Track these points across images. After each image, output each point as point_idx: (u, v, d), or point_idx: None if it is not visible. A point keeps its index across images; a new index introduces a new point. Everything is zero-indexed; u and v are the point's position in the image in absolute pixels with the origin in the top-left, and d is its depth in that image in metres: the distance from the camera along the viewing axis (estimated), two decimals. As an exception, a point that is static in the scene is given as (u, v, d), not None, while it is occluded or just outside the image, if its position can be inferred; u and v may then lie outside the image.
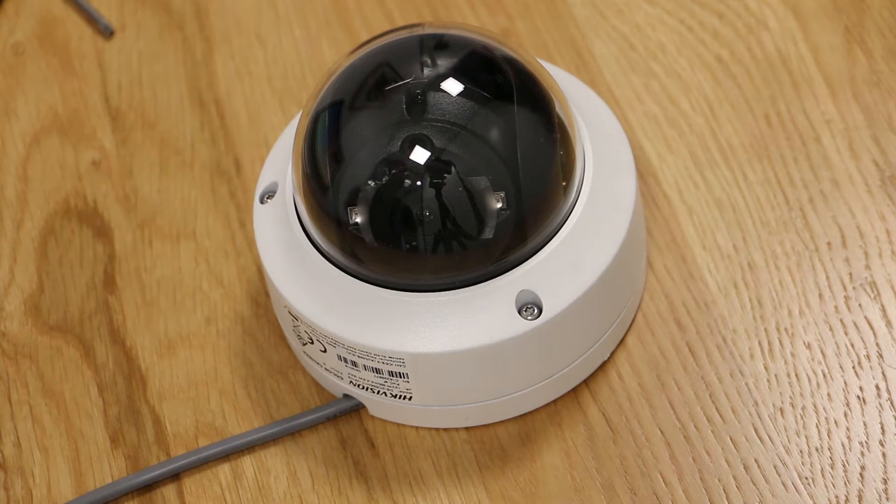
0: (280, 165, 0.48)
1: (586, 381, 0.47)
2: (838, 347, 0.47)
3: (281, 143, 0.49)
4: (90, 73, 0.58)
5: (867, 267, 0.49)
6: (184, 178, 0.54)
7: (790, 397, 0.46)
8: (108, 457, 0.48)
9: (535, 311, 0.44)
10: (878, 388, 0.46)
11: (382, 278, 0.44)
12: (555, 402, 0.47)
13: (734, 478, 0.45)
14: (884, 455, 0.45)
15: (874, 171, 0.51)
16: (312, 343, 0.46)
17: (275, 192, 0.48)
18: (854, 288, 0.48)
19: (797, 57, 0.54)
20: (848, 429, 0.45)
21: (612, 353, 0.48)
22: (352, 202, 0.44)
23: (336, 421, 0.47)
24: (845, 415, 0.46)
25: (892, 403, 0.46)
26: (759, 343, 0.47)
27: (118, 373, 0.50)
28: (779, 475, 0.45)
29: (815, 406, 0.46)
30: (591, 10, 0.56)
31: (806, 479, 0.45)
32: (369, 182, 0.44)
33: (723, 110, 0.53)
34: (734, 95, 0.53)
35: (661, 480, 0.45)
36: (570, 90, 0.48)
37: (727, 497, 0.45)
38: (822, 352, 0.47)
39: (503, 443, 0.47)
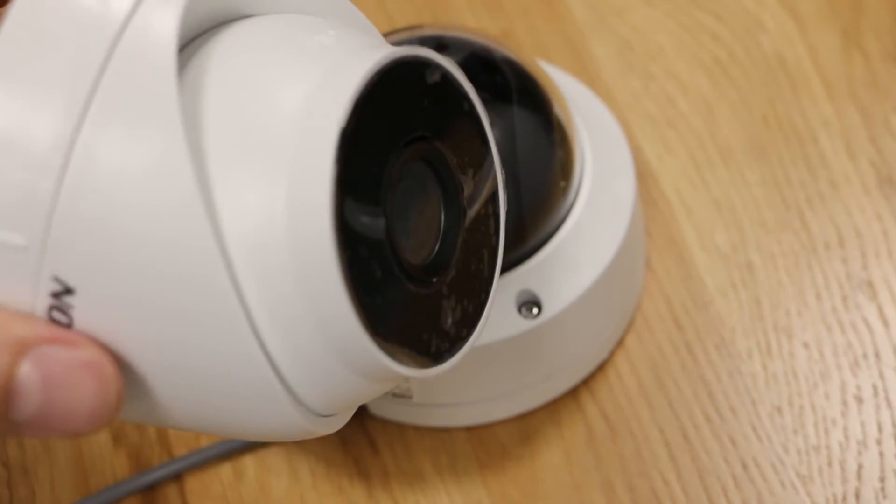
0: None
1: (585, 381, 0.48)
2: (836, 347, 0.47)
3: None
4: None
5: (864, 267, 0.49)
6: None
7: (788, 396, 0.46)
8: (110, 456, 0.48)
9: (535, 310, 0.44)
10: (875, 387, 0.46)
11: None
12: (554, 401, 0.47)
13: (732, 476, 0.45)
14: (881, 454, 0.45)
15: (871, 172, 0.51)
16: (313, 343, 0.46)
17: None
18: (851, 288, 0.48)
19: (795, 59, 0.54)
20: (845, 428, 0.46)
21: (611, 353, 0.48)
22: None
23: (337, 420, 0.48)
24: (842, 414, 0.46)
25: (888, 403, 0.46)
26: (757, 342, 0.48)
27: (120, 372, 0.50)
28: (777, 473, 0.45)
29: (812, 405, 0.46)
30: (590, 11, 0.56)
31: (803, 477, 0.45)
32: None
33: (721, 111, 0.53)
34: (732, 97, 0.53)
35: (660, 479, 0.45)
36: (569, 91, 0.48)
37: (725, 495, 0.45)
38: (819, 351, 0.47)
39: (503, 442, 0.47)
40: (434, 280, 0.33)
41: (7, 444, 0.49)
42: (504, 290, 0.44)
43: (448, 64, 0.34)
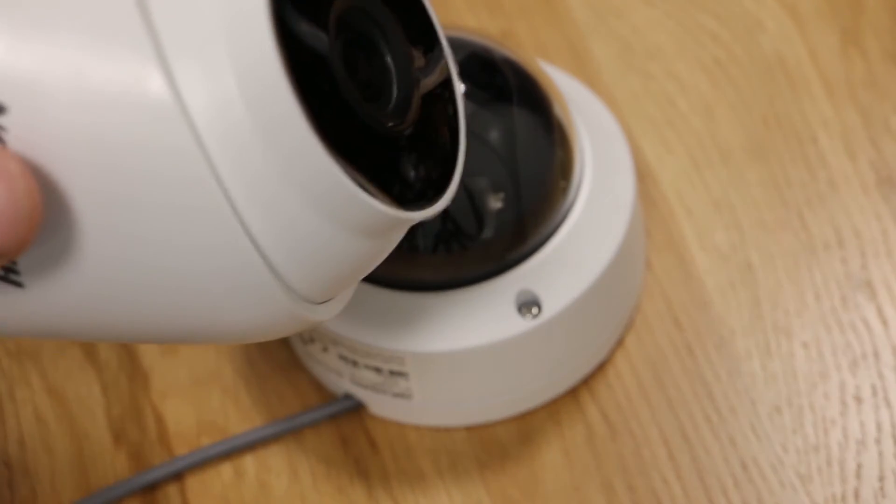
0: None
1: (585, 381, 0.48)
2: (835, 347, 0.47)
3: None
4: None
5: (863, 267, 0.49)
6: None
7: (787, 396, 0.46)
8: (111, 455, 0.48)
9: (535, 310, 0.44)
10: (873, 387, 0.46)
11: (382, 278, 0.45)
12: (554, 401, 0.47)
13: (732, 476, 0.45)
14: (880, 454, 0.45)
15: (870, 173, 0.51)
16: (314, 342, 0.46)
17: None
18: (851, 288, 0.49)
19: (794, 59, 0.54)
20: (844, 427, 0.46)
21: (611, 353, 0.48)
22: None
23: (337, 420, 0.48)
24: (841, 413, 0.46)
25: (887, 402, 0.46)
26: (757, 342, 0.48)
27: (121, 371, 0.50)
28: (776, 473, 0.45)
29: (811, 405, 0.46)
30: (590, 11, 0.56)
31: (803, 476, 0.45)
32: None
33: (721, 111, 0.53)
34: (732, 97, 0.53)
35: (660, 479, 0.45)
36: (568, 91, 0.48)
37: (725, 495, 0.45)
38: (818, 351, 0.47)
39: (503, 441, 0.47)
40: (391, 125, 0.33)
41: (8, 444, 0.49)
42: (504, 290, 0.44)
43: None
